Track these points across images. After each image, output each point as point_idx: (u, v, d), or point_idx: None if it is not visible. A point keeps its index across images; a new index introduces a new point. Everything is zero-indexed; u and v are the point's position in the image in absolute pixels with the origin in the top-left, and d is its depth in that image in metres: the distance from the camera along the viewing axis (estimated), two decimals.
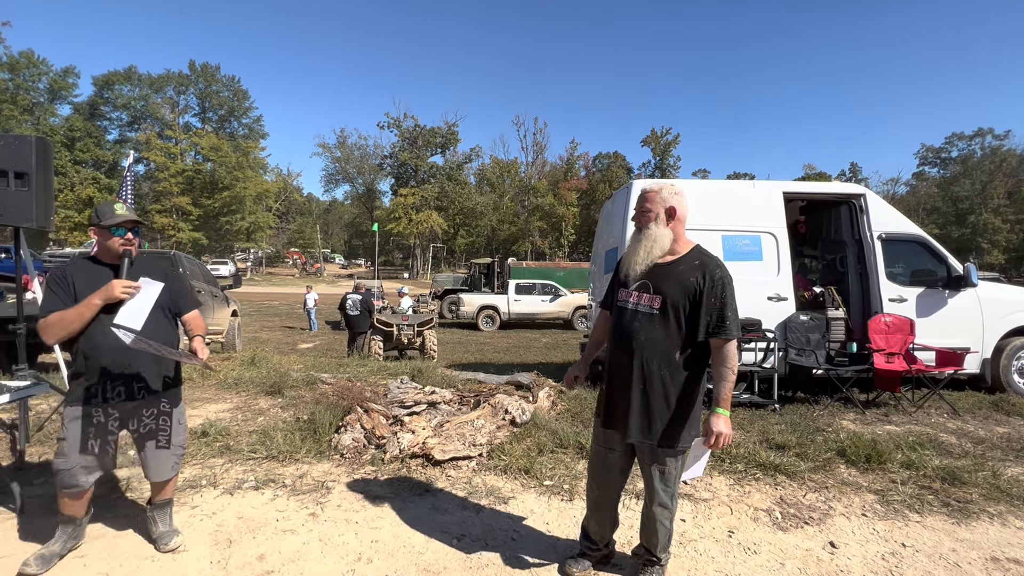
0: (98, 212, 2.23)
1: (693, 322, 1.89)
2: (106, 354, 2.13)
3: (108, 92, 48.21)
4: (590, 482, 2.19)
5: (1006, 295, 5.80)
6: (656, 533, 2.08)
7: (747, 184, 6.07)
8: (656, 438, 1.92)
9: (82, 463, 2.15)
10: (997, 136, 50.95)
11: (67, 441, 2.14)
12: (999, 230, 45.69)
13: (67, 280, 2.14)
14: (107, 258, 2.26)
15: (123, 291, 2.10)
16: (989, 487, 3.13)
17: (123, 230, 2.22)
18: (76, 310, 2.07)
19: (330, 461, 3.49)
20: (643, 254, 1.97)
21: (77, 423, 2.14)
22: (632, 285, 2.00)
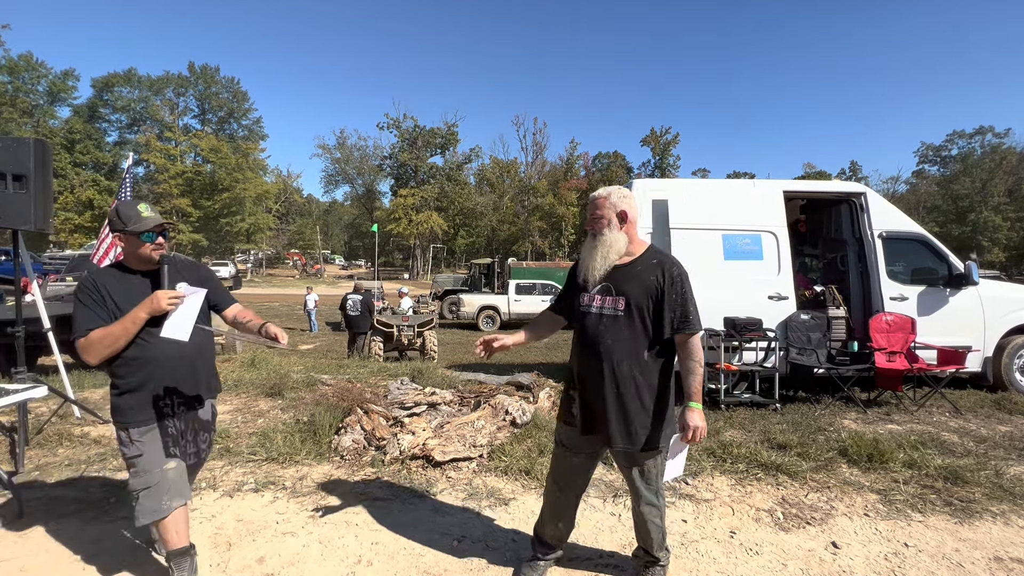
0: (120, 215, 1.98)
1: (658, 320, 1.93)
2: (159, 367, 1.99)
3: (107, 94, 48.25)
4: (551, 486, 2.17)
5: (1007, 293, 5.78)
6: (649, 533, 2.09)
7: (747, 183, 6.07)
8: (638, 442, 1.92)
9: (165, 477, 1.98)
10: (997, 134, 50.90)
11: (144, 457, 1.97)
12: (999, 228, 45.60)
13: (100, 292, 1.95)
14: (137, 265, 2.06)
15: (169, 303, 1.93)
16: (992, 486, 3.12)
17: (154, 235, 2.03)
18: (121, 326, 1.89)
19: (330, 463, 3.48)
20: (600, 259, 1.98)
21: (150, 435, 1.99)
22: (593, 289, 2.01)
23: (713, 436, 3.98)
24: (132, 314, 1.91)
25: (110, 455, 3.52)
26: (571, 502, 2.17)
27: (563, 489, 2.14)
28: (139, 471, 1.97)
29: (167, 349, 1.98)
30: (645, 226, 5.52)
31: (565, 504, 2.16)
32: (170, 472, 1.99)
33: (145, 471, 1.97)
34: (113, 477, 3.21)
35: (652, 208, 5.55)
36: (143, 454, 1.97)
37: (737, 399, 4.99)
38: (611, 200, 2.00)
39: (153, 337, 1.95)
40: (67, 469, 3.32)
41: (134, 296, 1.96)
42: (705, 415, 1.75)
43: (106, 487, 3.07)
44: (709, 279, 5.30)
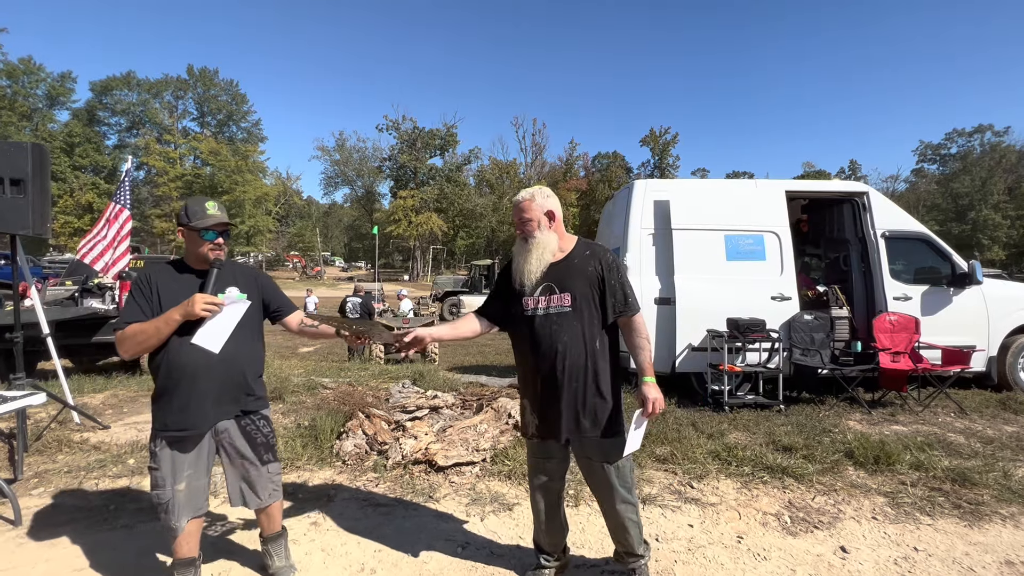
0: (188, 211, 1.95)
1: (602, 308, 1.98)
2: (184, 375, 1.88)
3: (106, 97, 48.29)
4: (534, 496, 2.16)
5: (1011, 292, 5.75)
6: (628, 531, 2.06)
7: (749, 183, 6.04)
8: (600, 429, 1.96)
9: (177, 499, 1.91)
10: (997, 132, 50.87)
11: (159, 471, 1.90)
12: (999, 226, 45.58)
13: (151, 287, 1.90)
14: (195, 263, 2.00)
15: (204, 308, 1.84)
16: (1000, 488, 3.09)
17: (214, 233, 1.96)
18: (154, 324, 1.83)
19: (332, 468, 3.46)
20: (535, 261, 1.99)
21: (168, 451, 1.91)
22: (535, 292, 1.99)
23: (718, 438, 3.95)
24: (167, 314, 1.84)
25: (110, 462, 3.49)
26: (555, 508, 2.15)
27: (544, 496, 2.12)
28: (154, 483, 1.93)
29: (196, 357, 1.88)
30: (647, 227, 5.50)
31: (550, 511, 2.14)
32: (180, 493, 1.92)
33: (159, 486, 1.92)
34: (113, 484, 3.18)
35: (654, 209, 5.52)
36: (159, 468, 1.91)
37: (741, 401, 4.96)
38: (536, 202, 2.01)
39: (184, 343, 1.87)
40: (66, 476, 3.28)
41: (180, 295, 1.89)
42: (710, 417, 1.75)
43: (106, 494, 3.04)
44: (712, 280, 5.29)
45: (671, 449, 3.68)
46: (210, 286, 1.93)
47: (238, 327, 1.97)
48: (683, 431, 4.10)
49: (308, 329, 2.16)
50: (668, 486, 3.21)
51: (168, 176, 44.47)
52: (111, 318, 5.98)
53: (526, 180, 57.13)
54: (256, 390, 2.08)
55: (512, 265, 2.09)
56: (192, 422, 1.90)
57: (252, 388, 2.05)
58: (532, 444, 2.12)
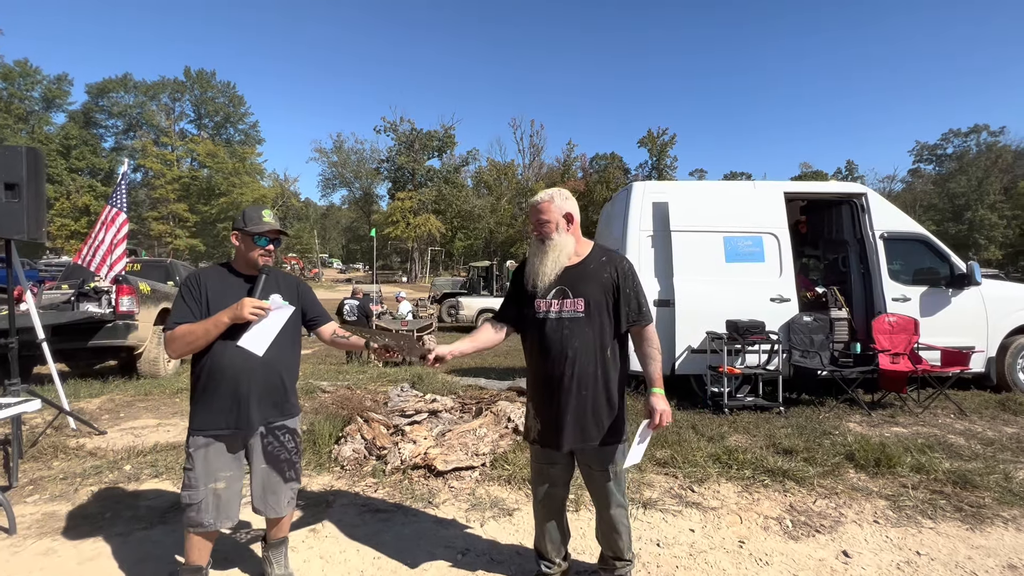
0: (245, 216, 2.03)
1: (615, 315, 1.96)
2: (225, 377, 1.91)
3: (103, 100, 48.22)
4: (536, 503, 2.14)
5: (1010, 292, 5.76)
6: (620, 536, 2.05)
7: (748, 185, 6.03)
8: (604, 436, 1.95)
9: (211, 497, 1.92)
10: (992, 132, 51.06)
11: (194, 472, 1.92)
12: (996, 226, 45.68)
13: (200, 289, 1.96)
14: (244, 268, 2.06)
15: (252, 312, 1.89)
16: (1001, 491, 3.08)
17: (267, 240, 2.02)
18: (203, 326, 1.88)
19: (330, 473, 3.43)
20: (551, 264, 1.96)
21: (203, 452, 1.93)
22: (548, 295, 1.97)
23: (718, 441, 3.94)
24: (216, 316, 1.90)
25: (106, 468, 3.46)
26: (558, 514, 2.14)
27: (547, 504, 2.11)
28: (188, 484, 1.94)
29: (238, 360, 1.92)
30: (646, 229, 5.49)
31: (553, 517, 2.12)
32: (218, 491, 1.93)
33: (192, 487, 1.92)
34: (109, 491, 3.15)
35: (653, 210, 5.52)
36: (194, 468, 1.93)
37: (741, 403, 4.95)
38: (555, 203, 1.98)
39: (229, 345, 1.92)
40: (62, 483, 3.25)
41: (228, 298, 1.95)
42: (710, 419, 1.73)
43: (102, 501, 3.01)
44: (711, 281, 5.28)
45: (672, 452, 3.66)
46: (258, 291, 2.00)
47: (280, 333, 2.01)
48: (683, 434, 4.09)
49: (339, 340, 2.21)
50: (669, 490, 3.20)
51: (165, 178, 44.41)
52: (107, 322, 5.94)
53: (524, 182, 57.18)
54: (291, 396, 2.13)
55: (526, 266, 2.06)
56: (232, 422, 1.94)
57: (288, 394, 2.10)
58: (535, 449, 2.10)
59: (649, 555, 2.49)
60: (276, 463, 2.07)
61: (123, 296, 6.08)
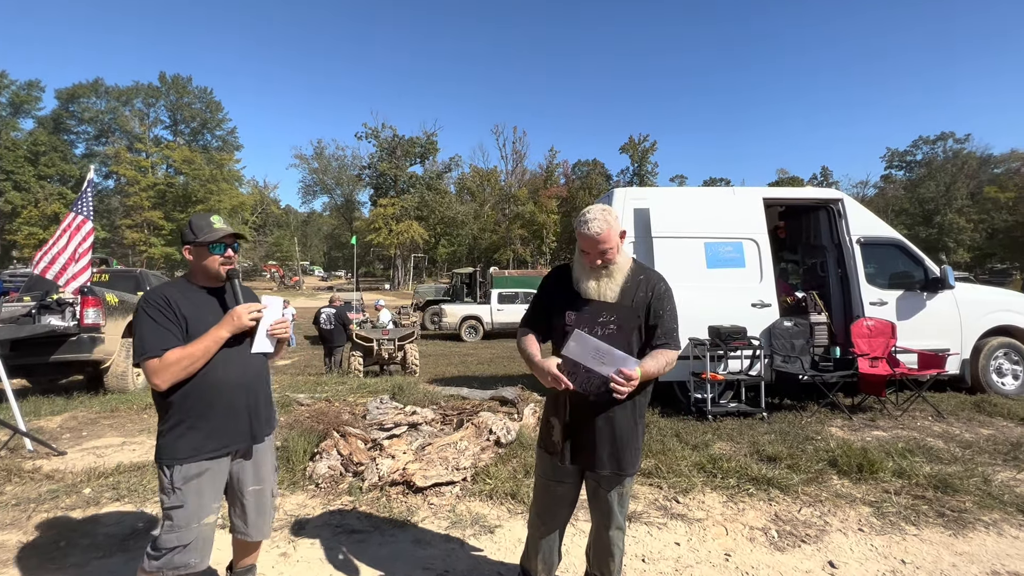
0: (192, 227, 1.88)
1: (647, 336, 1.90)
2: (219, 395, 1.80)
3: (73, 105, 46.95)
4: (535, 520, 2.05)
5: (982, 296, 5.89)
6: (613, 557, 1.99)
7: (728, 191, 6.07)
8: (628, 464, 1.87)
9: (201, 534, 1.76)
10: (958, 140, 52.94)
11: (184, 509, 1.73)
12: (963, 229, 47.20)
13: (172, 308, 1.77)
14: (205, 281, 1.92)
15: (252, 317, 1.83)
16: (981, 494, 3.09)
17: (223, 246, 1.89)
18: (201, 346, 1.73)
19: (304, 492, 3.29)
20: (616, 286, 1.87)
21: (196, 483, 1.75)
22: (582, 307, 1.88)
23: (702, 449, 3.90)
24: (213, 333, 1.77)
25: (63, 492, 3.26)
26: (557, 534, 2.06)
27: (548, 522, 2.02)
28: (175, 525, 1.73)
29: (229, 374, 1.82)
30: (627, 235, 5.47)
31: (551, 536, 2.04)
32: (206, 528, 1.79)
33: (181, 526, 1.73)
34: (65, 517, 2.96)
35: (634, 216, 5.50)
36: (184, 505, 1.73)
37: (724, 409, 4.94)
38: (612, 228, 1.83)
39: (220, 360, 1.80)
40: (14, 510, 3.05)
41: (205, 315, 1.83)
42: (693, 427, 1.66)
43: (57, 529, 2.82)
44: (693, 287, 5.27)
45: (656, 462, 3.61)
46: (240, 296, 1.91)
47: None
48: (667, 442, 4.04)
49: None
50: (654, 501, 3.14)
51: (140, 185, 43.33)
52: (71, 335, 5.69)
53: (507, 188, 57.26)
54: (272, 409, 2.08)
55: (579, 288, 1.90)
56: (238, 439, 1.85)
57: (272, 404, 2.05)
58: (546, 465, 1.99)
59: (634, 572, 2.42)
60: (269, 480, 2.01)
61: (88, 308, 5.83)
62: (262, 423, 1.95)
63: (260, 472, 1.98)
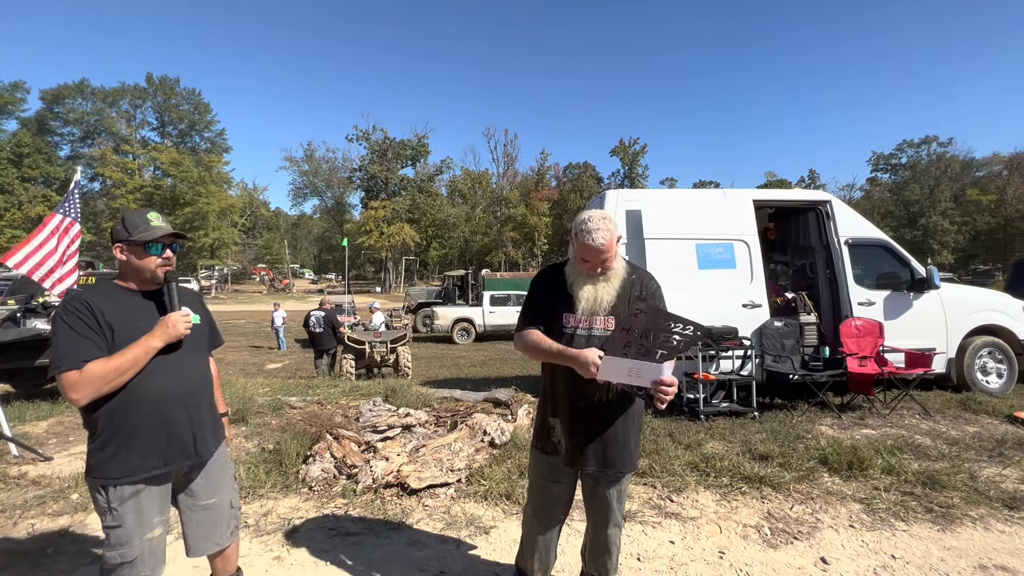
0: (126, 224, 1.70)
1: None
2: (163, 405, 1.68)
3: (58, 106, 46.28)
4: (531, 520, 2.06)
5: (967, 296, 5.99)
6: (610, 555, 2.01)
7: (718, 193, 6.13)
8: (630, 462, 1.90)
9: (148, 548, 1.67)
10: (941, 143, 53.93)
11: (123, 528, 1.62)
12: (947, 231, 48.04)
13: (95, 315, 1.60)
14: (139, 284, 1.75)
15: (187, 325, 1.70)
16: (968, 490, 3.15)
17: (161, 246, 1.73)
18: (130, 356, 1.59)
19: (298, 495, 3.26)
20: (612, 292, 1.88)
21: (134, 502, 1.64)
22: (578, 311, 1.88)
23: (695, 449, 3.93)
24: (144, 343, 1.63)
25: (50, 498, 3.21)
26: (553, 533, 2.06)
27: (544, 522, 2.02)
28: (115, 544, 1.63)
29: (166, 385, 1.69)
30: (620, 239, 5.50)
31: (547, 536, 2.05)
32: (152, 542, 1.68)
33: (123, 544, 1.63)
34: (52, 524, 2.92)
35: (626, 218, 5.54)
36: (122, 524, 1.62)
37: (716, 409, 4.97)
38: (613, 235, 1.83)
39: (154, 371, 1.66)
40: (0, 516, 2.99)
41: (133, 320, 1.66)
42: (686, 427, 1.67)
43: (44, 536, 2.78)
44: (685, 288, 5.31)
45: (650, 462, 3.63)
46: (176, 302, 1.74)
47: (193, 351, 1.81)
48: (660, 442, 4.07)
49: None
50: (648, 500, 3.15)
51: (126, 187, 42.76)
52: None
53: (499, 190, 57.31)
54: (219, 418, 1.95)
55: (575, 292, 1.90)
56: (174, 458, 1.71)
57: (217, 412, 1.92)
58: (542, 466, 2.00)
59: (630, 570, 2.43)
60: (226, 491, 1.91)
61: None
62: (207, 436, 1.81)
63: (214, 485, 1.86)
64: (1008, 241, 46.07)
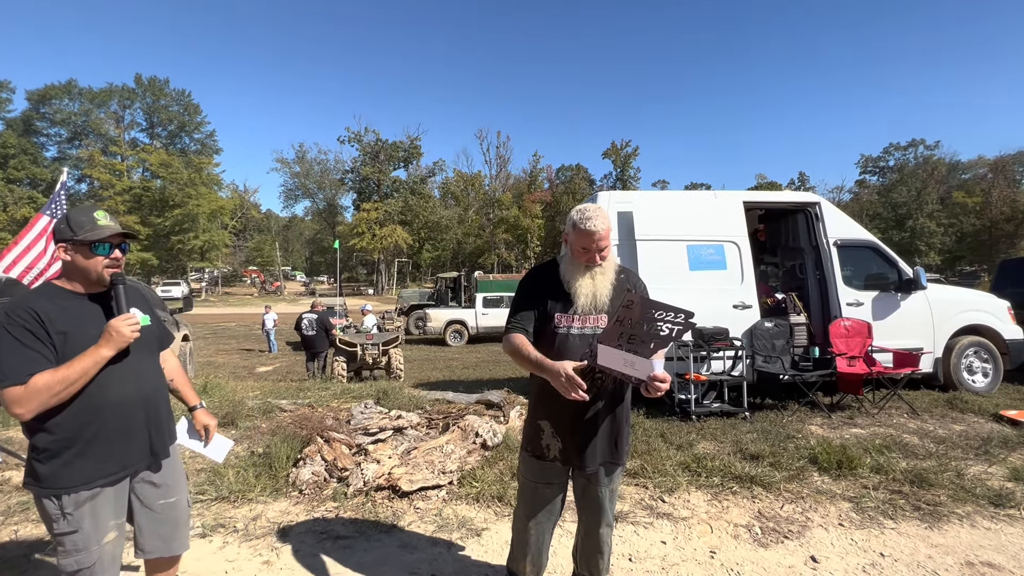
0: (70, 222, 1.61)
1: None
2: (121, 412, 1.63)
3: (45, 107, 45.66)
4: (524, 523, 2.04)
5: (953, 296, 6.08)
6: (602, 555, 2.02)
7: (709, 195, 6.17)
8: (623, 455, 1.94)
9: (106, 552, 1.63)
10: (928, 146, 54.75)
11: (79, 534, 1.57)
12: (934, 233, 48.74)
13: (42, 323, 1.52)
14: (85, 286, 1.66)
15: (133, 331, 1.61)
16: (955, 488, 3.18)
17: (108, 246, 1.65)
18: (79, 367, 1.51)
19: (288, 499, 3.23)
20: (609, 285, 1.89)
21: (90, 506, 1.59)
22: (569, 310, 1.88)
23: (687, 449, 3.94)
24: (94, 352, 1.54)
25: (33, 505, 3.14)
26: (546, 535, 2.06)
27: (536, 524, 2.02)
28: (71, 550, 1.57)
29: (125, 392, 1.64)
30: (611, 238, 5.52)
31: (539, 538, 2.04)
32: (109, 546, 1.63)
33: (80, 550, 1.57)
34: (36, 530, 2.86)
35: (618, 220, 5.56)
36: (79, 530, 1.56)
37: (708, 409, 5.00)
38: (609, 225, 1.88)
39: (109, 377, 1.61)
40: None
41: (85, 326, 1.58)
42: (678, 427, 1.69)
43: (27, 543, 2.73)
44: (676, 289, 5.32)
45: (641, 463, 3.64)
46: (124, 305, 1.65)
47: (147, 353, 1.78)
48: (652, 443, 4.08)
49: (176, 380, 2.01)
50: (640, 501, 3.16)
51: (114, 189, 42.27)
52: None
53: (491, 192, 57.33)
54: (172, 418, 1.92)
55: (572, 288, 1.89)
56: (132, 460, 1.68)
57: (170, 411, 1.89)
58: (533, 468, 1.99)
59: (621, 571, 2.43)
60: (181, 490, 1.87)
61: None
62: (164, 437, 1.80)
63: (170, 483, 1.83)
64: (993, 243, 46.81)
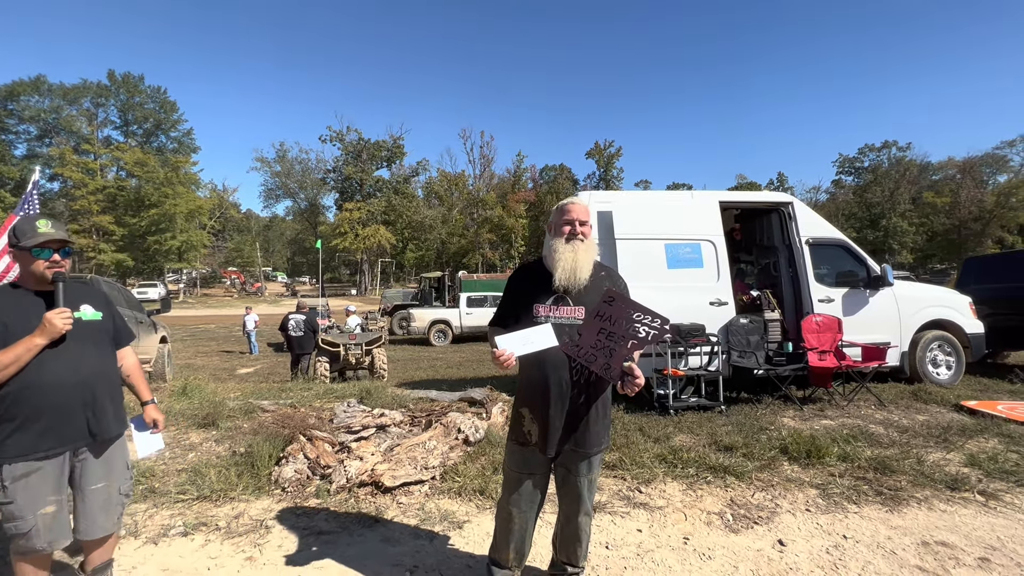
0: (16, 231, 1.92)
1: None
2: (43, 394, 1.84)
3: (12, 103, 44.18)
4: (508, 511, 2.10)
5: (919, 292, 6.33)
6: (580, 543, 2.10)
7: (686, 194, 6.31)
8: (601, 442, 2.01)
9: (42, 522, 1.83)
10: (900, 148, 56.40)
11: (14, 505, 1.80)
12: (906, 232, 50.25)
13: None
14: (35, 285, 1.95)
15: (65, 324, 1.85)
16: (915, 474, 3.35)
17: (49, 251, 1.92)
18: (11, 353, 1.77)
19: (270, 497, 3.25)
20: (587, 263, 1.99)
21: (24, 482, 1.81)
22: (547, 300, 1.98)
23: (664, 442, 4.06)
24: (27, 341, 1.81)
25: None
26: (529, 524, 2.12)
27: (521, 513, 2.08)
28: (8, 518, 1.82)
29: (59, 375, 1.86)
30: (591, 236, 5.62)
31: (522, 527, 2.10)
32: (46, 517, 1.84)
33: (16, 518, 1.81)
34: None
35: (598, 219, 5.66)
36: (14, 501, 1.80)
37: (685, 403, 5.13)
38: (588, 209, 2.08)
39: (46, 361, 1.85)
40: None
41: (29, 317, 1.85)
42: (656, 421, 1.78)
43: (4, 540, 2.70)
44: (655, 287, 5.45)
45: (620, 455, 3.74)
46: (60, 300, 1.90)
47: (91, 344, 2.00)
48: (631, 436, 4.18)
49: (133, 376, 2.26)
50: (617, 492, 3.25)
51: (87, 188, 41.12)
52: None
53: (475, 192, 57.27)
54: (120, 408, 2.08)
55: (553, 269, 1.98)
56: (69, 438, 1.90)
57: (119, 403, 2.07)
58: (516, 457, 2.06)
59: (598, 558, 2.51)
60: (118, 478, 2.05)
61: None
62: (107, 420, 1.99)
63: (107, 469, 2.01)
64: (962, 241, 48.42)
